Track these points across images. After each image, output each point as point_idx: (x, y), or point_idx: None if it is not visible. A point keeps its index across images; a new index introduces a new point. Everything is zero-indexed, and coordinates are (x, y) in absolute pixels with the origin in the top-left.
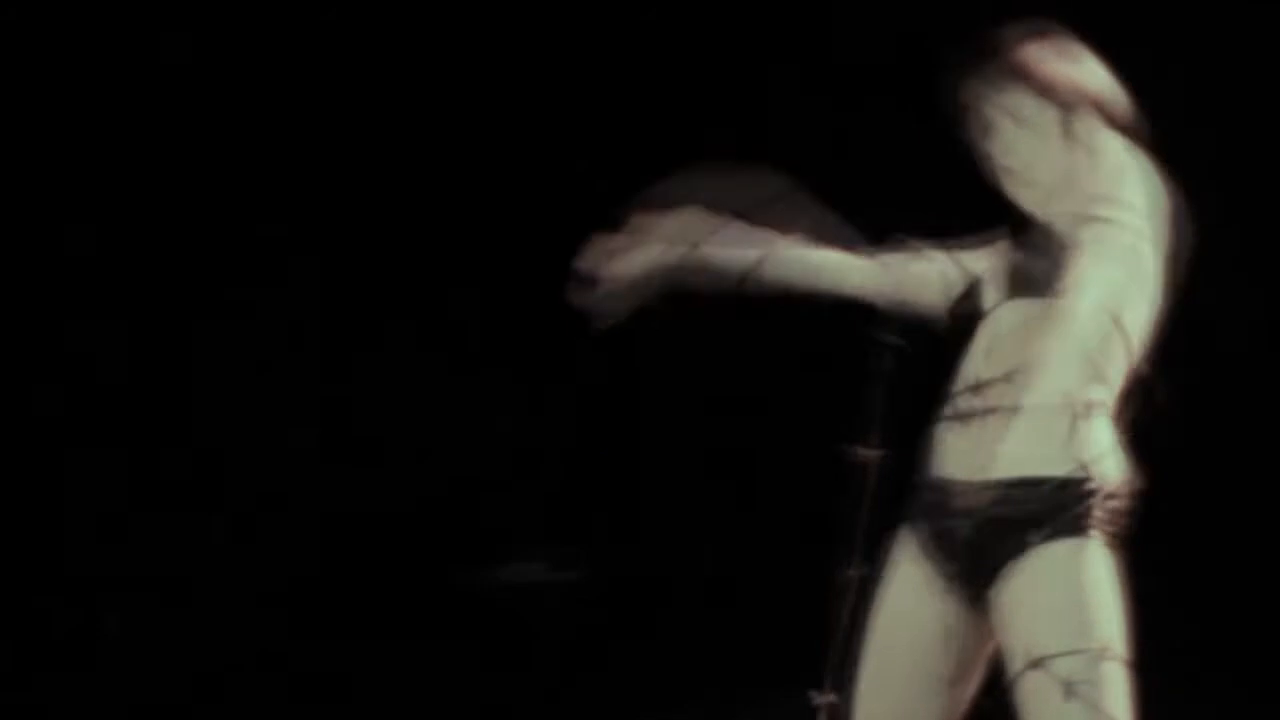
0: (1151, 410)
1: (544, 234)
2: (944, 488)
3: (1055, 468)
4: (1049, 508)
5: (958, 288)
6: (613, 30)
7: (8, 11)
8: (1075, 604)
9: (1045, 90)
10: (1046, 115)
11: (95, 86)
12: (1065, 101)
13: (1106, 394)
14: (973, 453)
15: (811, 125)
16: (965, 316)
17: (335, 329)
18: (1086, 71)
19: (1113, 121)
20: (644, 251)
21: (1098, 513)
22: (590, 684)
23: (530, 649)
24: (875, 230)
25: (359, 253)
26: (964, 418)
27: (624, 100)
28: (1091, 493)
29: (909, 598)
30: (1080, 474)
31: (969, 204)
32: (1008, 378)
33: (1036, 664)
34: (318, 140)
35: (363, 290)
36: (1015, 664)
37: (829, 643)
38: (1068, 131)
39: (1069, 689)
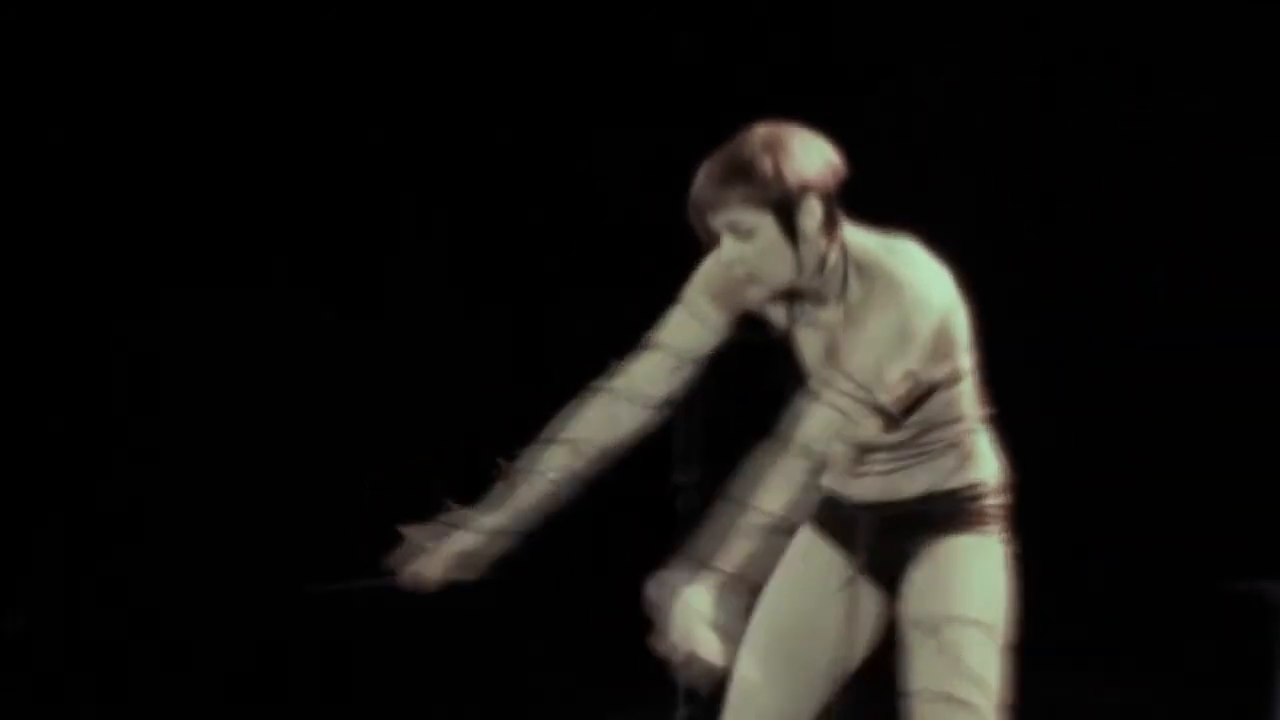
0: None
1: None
2: (834, 499)
3: (950, 483)
4: (946, 513)
5: (686, 367)
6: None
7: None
8: (956, 582)
9: (752, 200)
10: (764, 221)
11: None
12: (777, 201)
13: (968, 410)
14: (867, 481)
15: None
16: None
17: (243, 325)
18: (792, 159)
19: (838, 189)
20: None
21: (986, 512)
22: (496, 682)
23: (436, 648)
24: None
25: (257, 248)
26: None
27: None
28: (980, 496)
29: (813, 579)
30: (969, 483)
31: None
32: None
33: (917, 626)
34: None
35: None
36: (903, 631)
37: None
38: (788, 228)
39: (939, 646)
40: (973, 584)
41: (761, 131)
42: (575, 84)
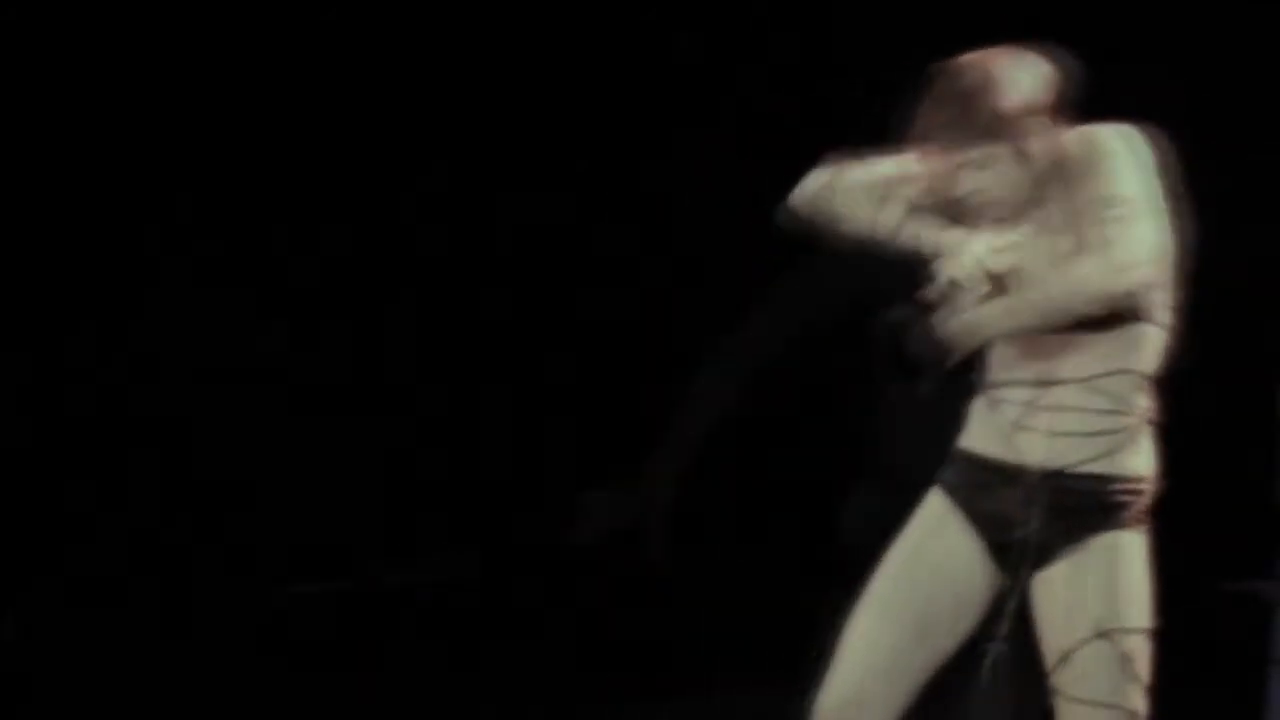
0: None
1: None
2: (989, 467)
3: (1115, 467)
4: (1110, 502)
5: None
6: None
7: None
8: (1126, 586)
9: (980, 138)
10: (995, 151)
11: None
12: (1003, 133)
13: (1148, 368)
14: (1019, 437)
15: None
16: None
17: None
18: (1006, 91)
19: (1059, 108)
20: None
21: (1137, 504)
22: (487, 683)
23: (429, 648)
24: None
25: (237, 253)
26: (1003, 400)
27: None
28: (1141, 492)
29: (942, 554)
30: (1135, 475)
31: None
32: (1044, 368)
33: (1088, 630)
34: None
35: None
36: (1074, 637)
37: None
38: (1018, 152)
39: (1113, 655)
40: (1139, 589)
41: (971, 72)
42: (575, 84)
